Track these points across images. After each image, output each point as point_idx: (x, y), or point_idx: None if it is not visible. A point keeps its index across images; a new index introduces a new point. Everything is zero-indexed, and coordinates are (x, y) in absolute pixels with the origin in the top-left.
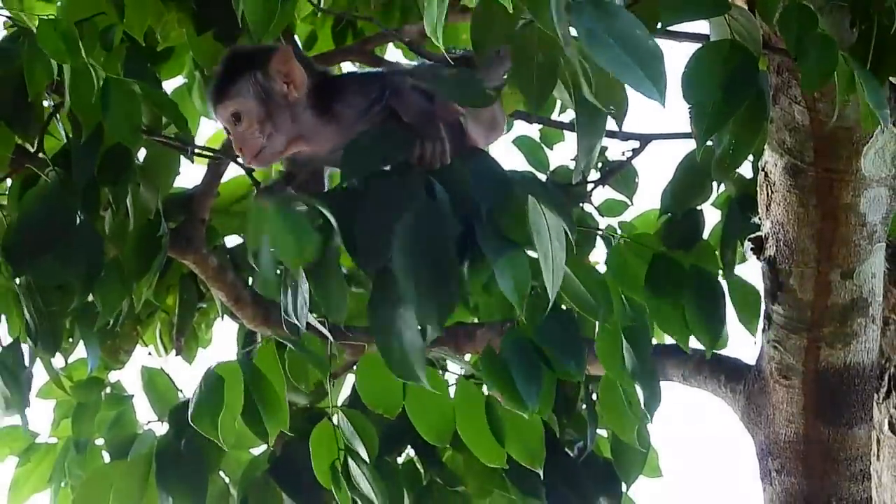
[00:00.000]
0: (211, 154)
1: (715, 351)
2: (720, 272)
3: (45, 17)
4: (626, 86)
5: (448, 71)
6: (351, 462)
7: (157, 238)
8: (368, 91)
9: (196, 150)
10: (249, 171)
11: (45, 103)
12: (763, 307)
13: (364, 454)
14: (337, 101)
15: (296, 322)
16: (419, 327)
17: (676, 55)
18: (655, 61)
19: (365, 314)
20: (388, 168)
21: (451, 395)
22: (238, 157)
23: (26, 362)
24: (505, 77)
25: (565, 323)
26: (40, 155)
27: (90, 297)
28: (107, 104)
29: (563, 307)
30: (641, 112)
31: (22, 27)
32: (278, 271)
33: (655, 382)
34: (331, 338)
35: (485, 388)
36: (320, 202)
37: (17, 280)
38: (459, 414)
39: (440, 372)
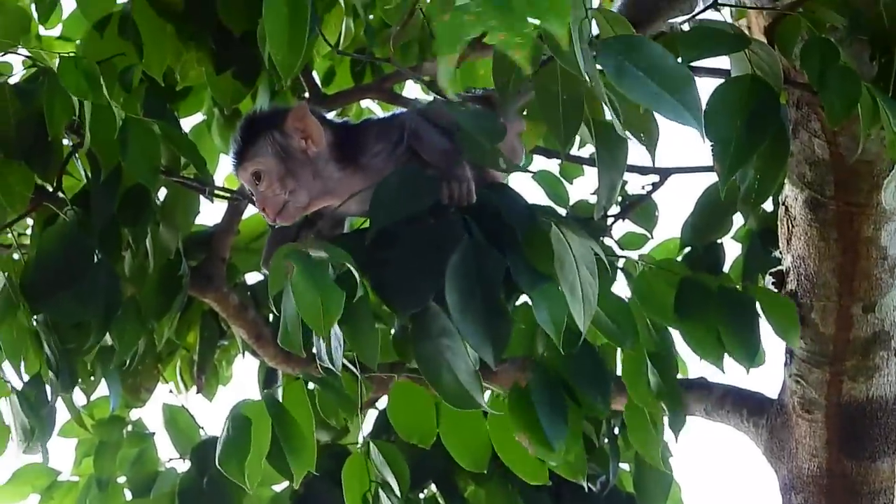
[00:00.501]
0: (229, 195)
1: (735, 385)
2: None
3: (67, 55)
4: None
5: (464, 106)
6: (382, 495)
7: (178, 277)
8: (389, 136)
9: (215, 191)
10: None
11: (65, 142)
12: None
13: (396, 488)
14: (360, 153)
15: (331, 367)
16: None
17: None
18: (688, 88)
19: (387, 349)
20: (419, 211)
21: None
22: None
23: (49, 398)
24: (521, 110)
25: (593, 357)
26: (59, 194)
27: (107, 337)
28: (126, 144)
29: (588, 340)
30: (661, 146)
31: (42, 66)
32: None
33: (680, 404)
34: (360, 376)
35: None
36: (344, 253)
37: (36, 318)
38: (496, 436)
39: None
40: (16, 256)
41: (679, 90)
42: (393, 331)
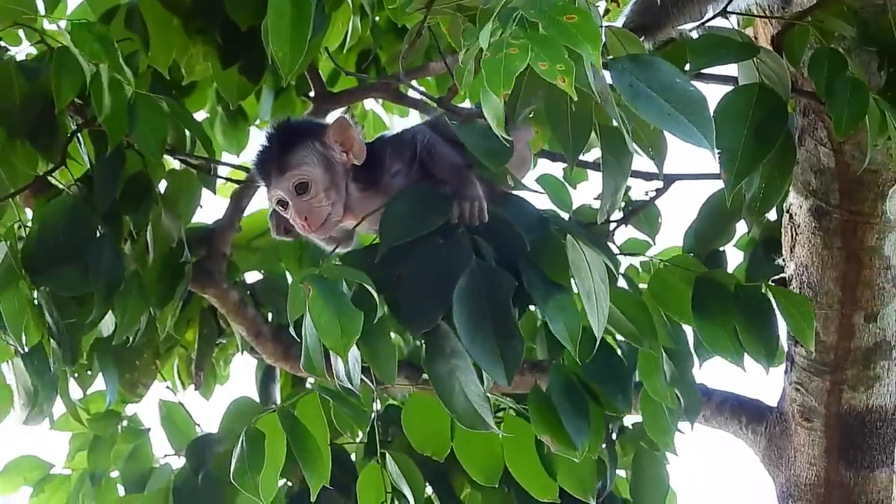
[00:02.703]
0: (236, 179)
1: (734, 392)
2: None
3: (79, 21)
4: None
5: (472, 121)
6: None
7: (181, 265)
8: (403, 153)
9: (220, 173)
10: None
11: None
12: (786, 350)
13: (411, 498)
14: (380, 172)
15: (350, 387)
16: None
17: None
18: (700, 109)
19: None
20: (429, 231)
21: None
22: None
23: (51, 369)
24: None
25: (611, 358)
26: (62, 170)
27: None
28: (135, 117)
29: (607, 340)
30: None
31: (50, 45)
32: None
33: (695, 391)
34: (374, 389)
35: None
36: (362, 275)
37: (38, 290)
38: (509, 451)
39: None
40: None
41: (693, 111)
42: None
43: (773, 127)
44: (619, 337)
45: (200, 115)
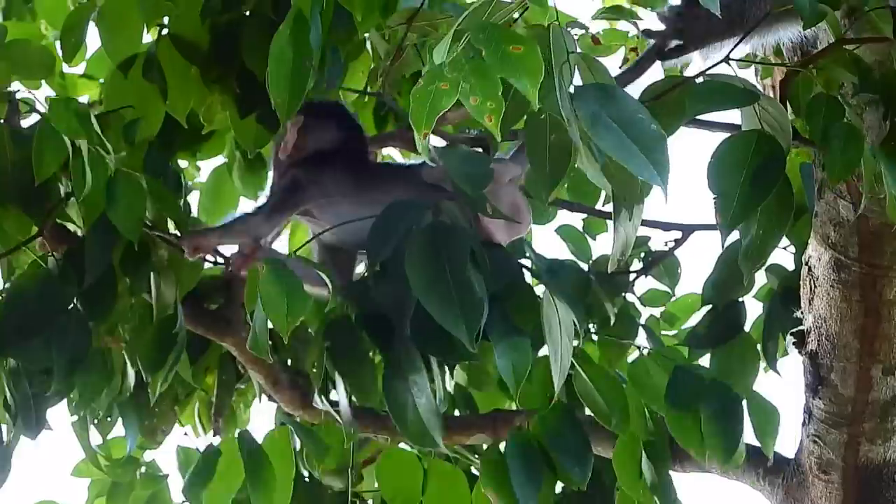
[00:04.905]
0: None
1: (752, 443)
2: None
3: (57, 98)
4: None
5: (456, 148)
6: None
7: (174, 334)
8: None
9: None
10: None
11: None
12: (804, 402)
13: None
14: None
15: (329, 409)
16: (433, 392)
17: (710, 144)
18: (658, 146)
19: None
20: None
21: None
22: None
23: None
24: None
25: (576, 428)
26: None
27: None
28: (113, 196)
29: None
30: (684, 202)
31: (41, 114)
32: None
33: (673, 497)
34: (354, 424)
35: None
36: (326, 269)
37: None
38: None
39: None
40: None
41: (650, 149)
42: None
43: (771, 174)
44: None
45: (218, 160)
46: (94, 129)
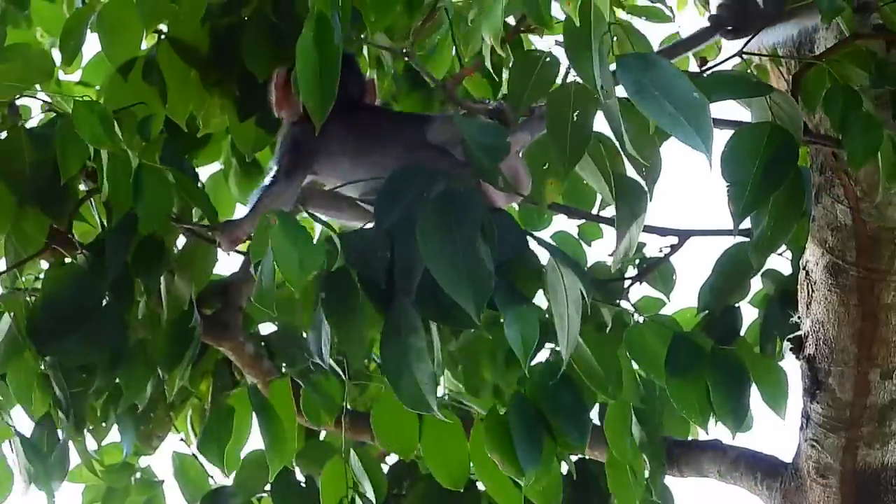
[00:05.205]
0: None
1: (750, 448)
2: None
3: (82, 99)
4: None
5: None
6: (358, 501)
7: (191, 329)
8: None
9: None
10: None
11: (81, 187)
12: (801, 406)
13: (371, 495)
14: None
15: (320, 362)
16: (430, 358)
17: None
18: (701, 113)
19: None
20: None
21: None
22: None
23: (60, 440)
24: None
25: (574, 394)
26: (72, 237)
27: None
28: (139, 191)
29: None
30: (679, 208)
31: (59, 112)
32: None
33: (662, 460)
34: (346, 378)
35: None
36: (330, 225)
37: (44, 360)
38: (476, 456)
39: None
40: (27, 299)
41: (693, 115)
42: None
43: (784, 164)
44: None
45: (215, 167)
46: (118, 135)
